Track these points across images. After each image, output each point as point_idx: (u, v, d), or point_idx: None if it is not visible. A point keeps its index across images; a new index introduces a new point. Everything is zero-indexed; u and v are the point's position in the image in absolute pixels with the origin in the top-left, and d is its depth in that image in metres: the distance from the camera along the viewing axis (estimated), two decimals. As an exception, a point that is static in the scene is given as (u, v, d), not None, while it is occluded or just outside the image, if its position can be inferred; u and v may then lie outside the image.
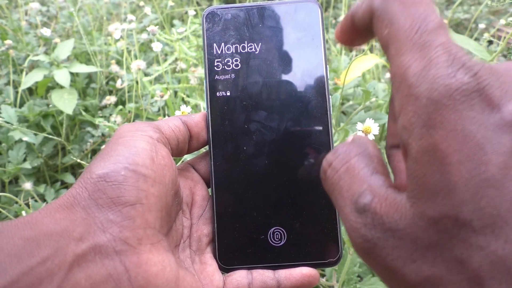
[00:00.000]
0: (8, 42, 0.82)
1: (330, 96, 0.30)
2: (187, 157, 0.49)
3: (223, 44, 0.30)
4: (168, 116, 0.70)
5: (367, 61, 0.72)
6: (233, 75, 0.30)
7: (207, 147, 0.30)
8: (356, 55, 0.64)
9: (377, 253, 0.16)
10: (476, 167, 0.14)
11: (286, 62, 0.30)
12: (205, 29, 0.31)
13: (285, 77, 0.30)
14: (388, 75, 1.03)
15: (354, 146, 0.19)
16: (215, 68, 0.30)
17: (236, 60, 0.30)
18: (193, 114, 0.30)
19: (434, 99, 0.14)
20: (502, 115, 0.14)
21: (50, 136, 0.71)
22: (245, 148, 0.30)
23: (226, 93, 0.30)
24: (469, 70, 0.15)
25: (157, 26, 0.75)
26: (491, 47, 1.01)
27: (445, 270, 0.14)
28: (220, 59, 0.30)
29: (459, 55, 0.15)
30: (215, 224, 0.29)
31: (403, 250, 0.15)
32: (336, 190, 0.18)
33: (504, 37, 0.62)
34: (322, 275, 0.53)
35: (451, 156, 0.14)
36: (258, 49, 0.30)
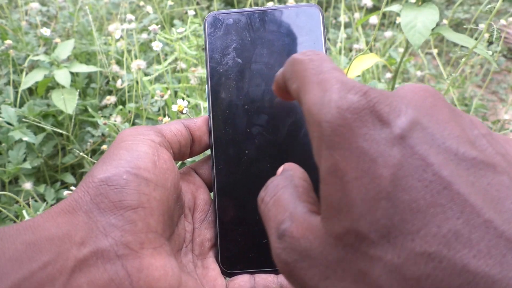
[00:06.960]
0: (8, 42, 0.82)
1: None
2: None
3: (224, 48, 0.30)
4: (169, 116, 0.70)
5: (367, 60, 0.72)
6: (235, 80, 0.30)
7: (209, 151, 0.30)
8: (356, 55, 0.64)
9: (297, 274, 0.16)
10: (370, 182, 0.14)
11: None
12: (206, 34, 0.31)
13: None
14: (388, 74, 1.02)
15: (282, 179, 0.20)
16: (217, 72, 0.30)
17: (238, 65, 0.30)
18: (195, 118, 0.30)
19: (330, 121, 0.15)
20: (391, 129, 0.15)
21: (55, 129, 0.71)
22: (247, 152, 0.29)
23: (228, 97, 0.30)
24: (358, 91, 0.16)
25: (159, 26, 0.75)
26: (491, 47, 1.01)
27: (352, 284, 0.15)
28: (222, 64, 0.30)
29: (351, 82, 0.16)
30: (218, 229, 0.29)
31: (317, 268, 0.16)
32: (266, 221, 0.19)
33: (505, 37, 0.62)
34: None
35: (349, 173, 0.15)
36: (260, 54, 0.30)
